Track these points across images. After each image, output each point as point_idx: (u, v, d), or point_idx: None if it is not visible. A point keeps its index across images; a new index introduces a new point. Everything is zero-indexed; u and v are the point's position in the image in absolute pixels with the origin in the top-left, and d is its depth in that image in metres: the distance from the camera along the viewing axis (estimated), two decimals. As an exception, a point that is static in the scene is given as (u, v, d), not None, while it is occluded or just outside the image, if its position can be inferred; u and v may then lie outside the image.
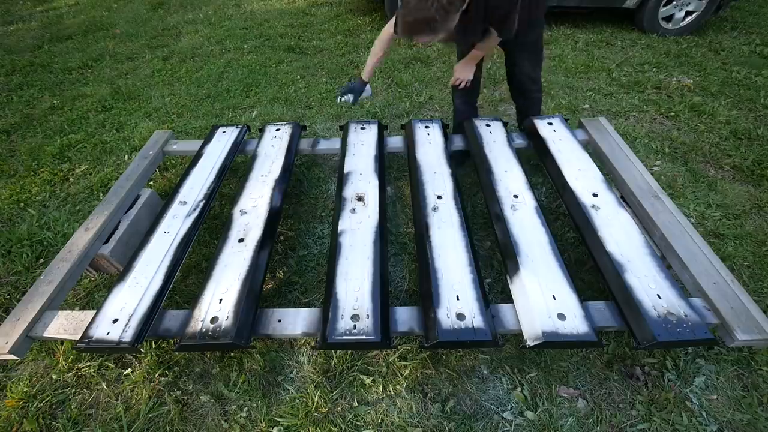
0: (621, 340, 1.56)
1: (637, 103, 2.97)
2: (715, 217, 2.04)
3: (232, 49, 4.03)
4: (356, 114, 2.94)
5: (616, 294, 1.37)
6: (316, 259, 1.91)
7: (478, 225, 2.06)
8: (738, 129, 2.63)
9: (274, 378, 1.51)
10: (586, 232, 1.59)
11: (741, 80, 3.19)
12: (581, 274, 1.79)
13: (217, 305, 1.34)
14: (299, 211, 2.18)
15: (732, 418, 1.36)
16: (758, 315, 1.29)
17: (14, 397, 1.46)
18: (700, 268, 1.44)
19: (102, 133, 2.88)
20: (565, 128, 2.14)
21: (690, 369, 1.47)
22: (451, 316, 1.29)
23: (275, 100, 3.14)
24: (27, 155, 2.68)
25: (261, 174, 1.93)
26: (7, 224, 2.18)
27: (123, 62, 3.92)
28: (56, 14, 5.22)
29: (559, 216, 2.10)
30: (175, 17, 4.89)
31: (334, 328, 1.27)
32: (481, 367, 1.51)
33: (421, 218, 1.65)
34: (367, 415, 1.39)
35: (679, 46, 3.74)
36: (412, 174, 1.93)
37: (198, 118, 2.99)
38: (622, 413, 1.38)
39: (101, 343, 1.28)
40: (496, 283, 1.78)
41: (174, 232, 1.65)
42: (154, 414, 1.41)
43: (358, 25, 4.39)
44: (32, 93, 3.46)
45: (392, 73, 3.44)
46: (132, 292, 1.41)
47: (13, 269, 1.92)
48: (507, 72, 2.16)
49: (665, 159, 2.44)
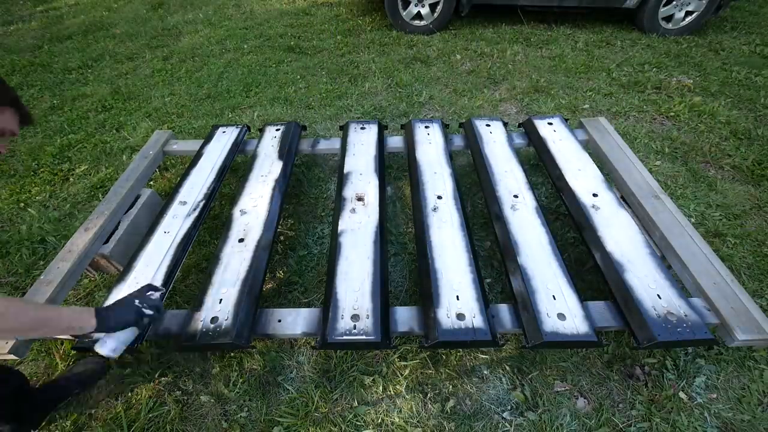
0: (621, 340, 1.56)
1: (637, 103, 2.97)
2: (715, 217, 2.04)
3: (232, 49, 4.02)
4: (356, 114, 2.94)
5: (616, 294, 1.37)
6: (316, 259, 1.91)
7: (478, 225, 2.06)
8: (738, 129, 2.63)
9: (274, 378, 1.51)
10: (586, 232, 1.59)
11: (741, 80, 3.19)
12: (581, 274, 1.79)
13: (217, 305, 1.34)
14: (299, 211, 2.18)
15: (732, 418, 1.36)
16: (758, 315, 1.29)
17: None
18: (700, 268, 1.44)
19: (102, 133, 2.88)
20: (565, 128, 2.14)
21: (690, 369, 1.47)
22: (451, 316, 1.29)
23: (275, 100, 3.14)
24: (27, 155, 2.68)
25: (261, 174, 1.93)
26: (7, 224, 2.18)
27: (123, 62, 3.92)
28: (56, 14, 5.22)
29: (559, 216, 2.10)
30: (175, 17, 4.88)
31: (334, 328, 1.27)
32: (481, 367, 1.51)
33: (421, 218, 1.65)
34: (367, 415, 1.39)
35: (679, 46, 3.74)
36: (412, 174, 1.93)
37: (198, 118, 2.98)
38: (622, 413, 1.38)
39: (101, 343, 1.27)
40: (496, 283, 1.78)
41: (174, 232, 1.65)
42: (154, 414, 1.41)
43: (358, 25, 4.39)
44: (32, 93, 3.45)
45: (392, 73, 3.44)
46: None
47: (13, 269, 1.92)
48: None
49: (665, 159, 2.44)
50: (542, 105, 2.97)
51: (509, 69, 3.45)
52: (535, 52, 3.73)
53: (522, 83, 3.23)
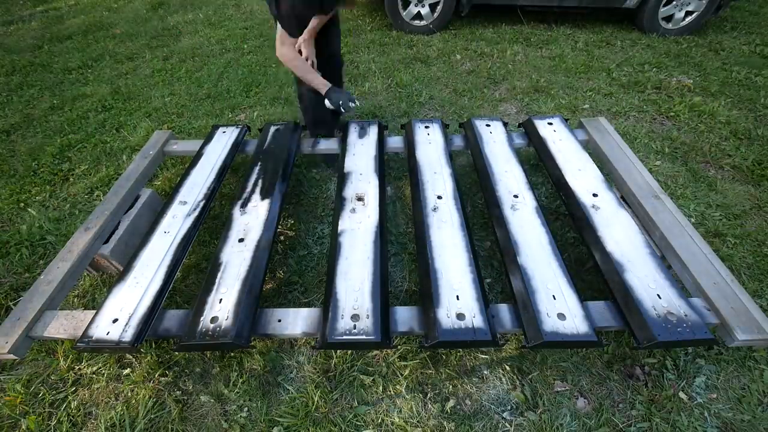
0: (621, 340, 1.56)
1: (637, 103, 2.97)
2: (715, 217, 2.04)
3: (232, 49, 4.02)
4: (356, 114, 2.94)
5: (616, 294, 1.37)
6: (316, 259, 1.91)
7: (478, 225, 2.06)
8: (738, 129, 2.63)
9: (274, 378, 1.51)
10: (586, 232, 1.59)
11: (741, 80, 3.19)
12: (581, 274, 1.79)
13: (217, 305, 1.34)
14: (299, 211, 2.18)
15: (732, 417, 1.36)
16: (758, 315, 1.29)
17: (14, 397, 1.46)
18: (700, 268, 1.44)
19: (102, 133, 2.88)
20: (565, 128, 2.14)
21: (690, 369, 1.47)
22: (451, 316, 1.29)
23: (275, 100, 3.14)
24: (27, 155, 2.68)
25: (261, 174, 1.93)
26: (7, 224, 2.18)
27: (123, 62, 3.92)
28: (56, 14, 5.22)
29: (559, 216, 2.10)
30: (175, 17, 4.88)
31: (334, 328, 1.27)
32: (481, 367, 1.51)
33: (421, 218, 1.65)
34: (367, 415, 1.39)
35: (679, 46, 3.74)
36: (412, 174, 1.93)
37: (198, 118, 2.98)
38: (622, 413, 1.38)
39: (101, 343, 1.28)
40: (496, 283, 1.78)
41: (174, 232, 1.65)
42: (154, 414, 1.41)
43: (358, 25, 4.39)
44: (32, 93, 3.45)
45: (392, 73, 3.44)
46: (132, 292, 1.41)
47: (13, 269, 1.92)
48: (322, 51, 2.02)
49: (665, 159, 2.44)
50: (542, 105, 2.97)
51: (509, 69, 3.45)
52: (535, 52, 3.73)
53: (522, 83, 3.23)
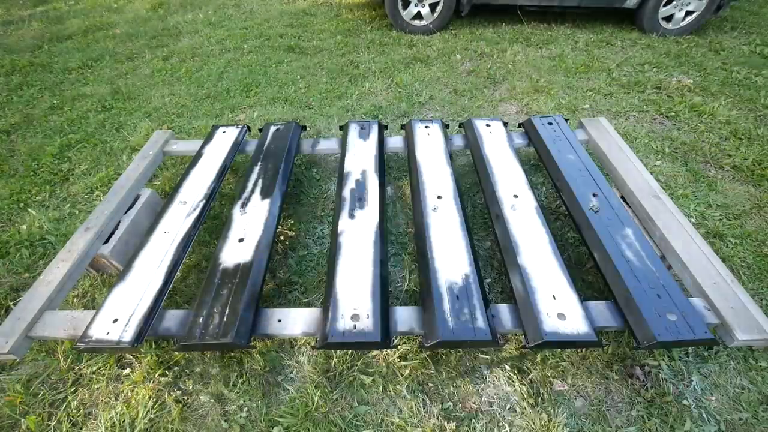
0: (621, 340, 1.56)
1: (637, 103, 2.97)
2: (715, 217, 2.04)
3: (232, 49, 4.02)
4: (356, 114, 2.94)
5: (616, 294, 1.37)
6: (316, 259, 1.91)
7: (478, 225, 2.06)
8: (738, 129, 2.63)
9: (274, 378, 1.51)
10: (586, 232, 1.59)
11: (741, 80, 3.19)
12: (581, 274, 1.79)
13: (218, 305, 1.34)
14: (299, 211, 2.18)
15: (732, 417, 1.36)
16: (758, 315, 1.29)
17: (14, 397, 1.46)
18: (700, 268, 1.44)
19: (102, 133, 2.88)
20: (565, 128, 2.14)
21: (690, 369, 1.47)
22: (451, 316, 1.29)
23: (275, 100, 3.14)
24: (27, 155, 2.68)
25: (261, 174, 1.93)
26: (7, 224, 2.18)
27: (123, 62, 3.92)
28: (56, 14, 5.22)
29: (559, 216, 2.10)
30: (175, 17, 4.88)
31: (334, 328, 1.27)
32: (481, 367, 1.51)
33: (421, 218, 1.65)
34: (367, 415, 1.39)
35: (679, 46, 3.74)
36: (412, 174, 1.93)
37: (198, 118, 2.98)
38: (622, 413, 1.38)
39: (101, 343, 1.28)
40: (496, 283, 1.78)
41: (174, 232, 1.65)
42: (154, 414, 1.41)
43: (358, 25, 4.39)
44: (32, 93, 3.45)
45: (392, 73, 3.44)
46: (132, 292, 1.41)
47: (13, 269, 1.92)
48: None
49: (665, 159, 2.44)
50: (542, 105, 2.97)
51: (509, 69, 3.45)
52: (535, 52, 3.73)
53: (522, 83, 3.23)
